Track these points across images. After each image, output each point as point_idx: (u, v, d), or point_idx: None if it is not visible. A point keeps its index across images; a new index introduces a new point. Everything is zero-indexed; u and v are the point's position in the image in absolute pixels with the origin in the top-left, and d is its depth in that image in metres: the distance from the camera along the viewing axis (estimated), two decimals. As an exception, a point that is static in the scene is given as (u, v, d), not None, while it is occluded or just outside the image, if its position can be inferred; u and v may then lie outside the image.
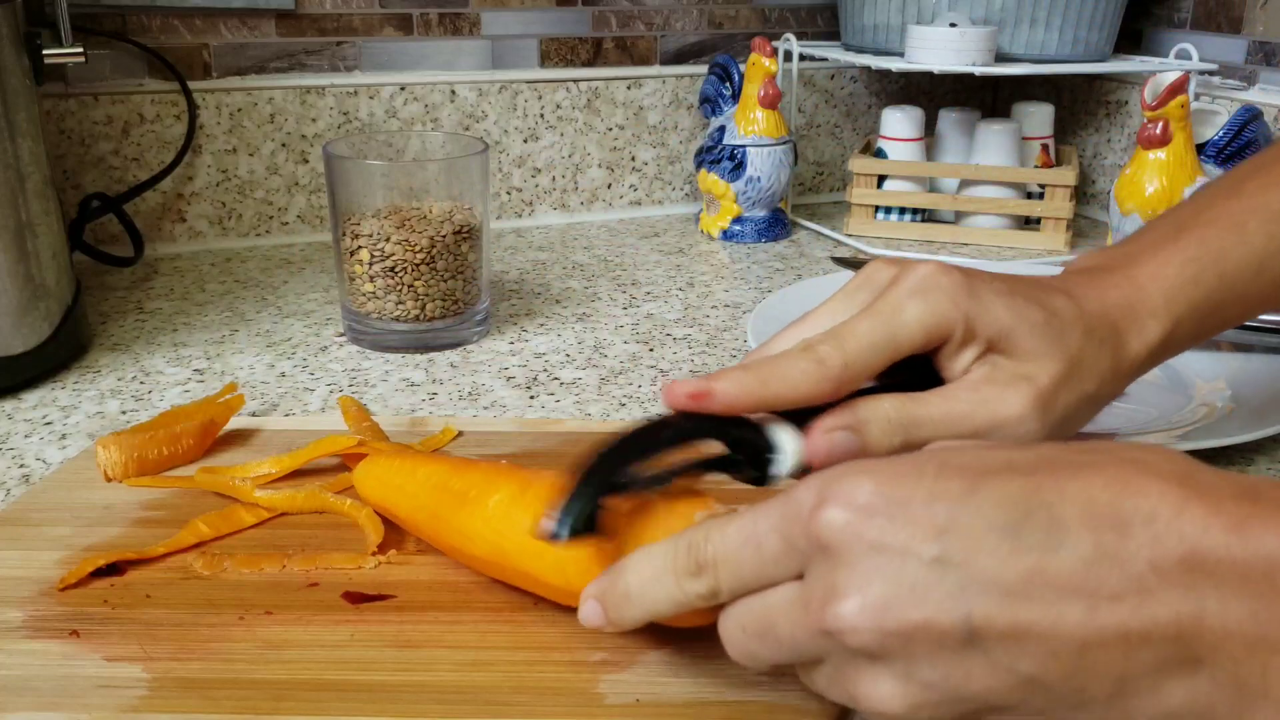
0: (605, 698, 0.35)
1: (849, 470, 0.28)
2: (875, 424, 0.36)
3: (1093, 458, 0.27)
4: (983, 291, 0.37)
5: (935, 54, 0.85)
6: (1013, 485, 0.26)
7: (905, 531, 0.27)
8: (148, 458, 0.50)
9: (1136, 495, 0.25)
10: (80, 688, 0.35)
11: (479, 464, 0.42)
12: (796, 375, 0.36)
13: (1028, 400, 0.37)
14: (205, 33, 0.88)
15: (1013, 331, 0.37)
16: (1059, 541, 0.25)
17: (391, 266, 0.65)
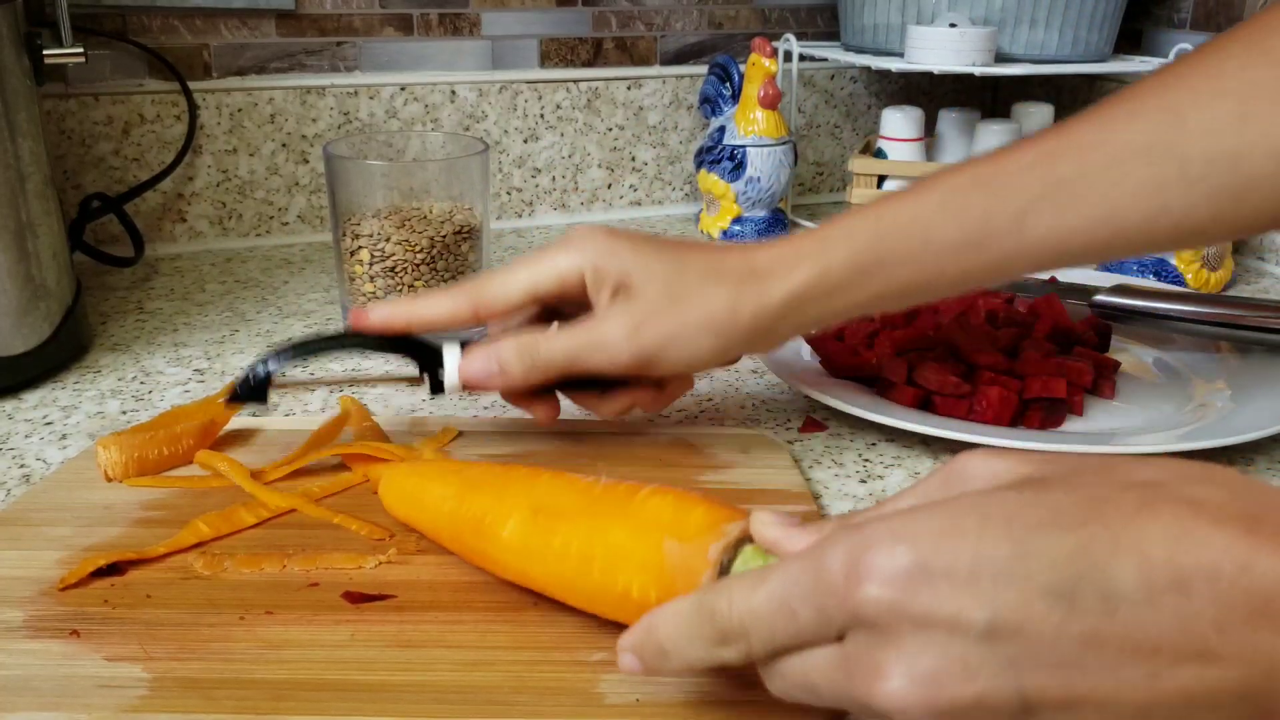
0: (605, 697, 0.35)
1: (883, 536, 0.27)
2: (507, 348, 0.47)
3: (1146, 496, 0.25)
4: (619, 247, 0.47)
5: (935, 54, 0.85)
6: (1063, 544, 0.25)
7: (951, 604, 0.25)
8: (148, 458, 0.50)
9: (1198, 548, 0.24)
10: (80, 688, 0.35)
11: (487, 481, 0.42)
12: (440, 304, 0.48)
13: (620, 323, 0.46)
14: (205, 33, 0.88)
15: (630, 275, 0.46)
16: (1114, 606, 0.24)
17: (392, 267, 0.65)
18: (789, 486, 0.49)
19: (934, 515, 0.27)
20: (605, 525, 0.36)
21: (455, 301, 0.49)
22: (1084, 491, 0.26)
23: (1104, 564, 0.24)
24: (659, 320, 0.46)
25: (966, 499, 0.27)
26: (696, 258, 0.47)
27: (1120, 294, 0.65)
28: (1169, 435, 0.53)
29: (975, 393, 0.55)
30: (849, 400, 0.55)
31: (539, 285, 0.48)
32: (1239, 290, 0.81)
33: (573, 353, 0.47)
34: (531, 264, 0.48)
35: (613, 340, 0.46)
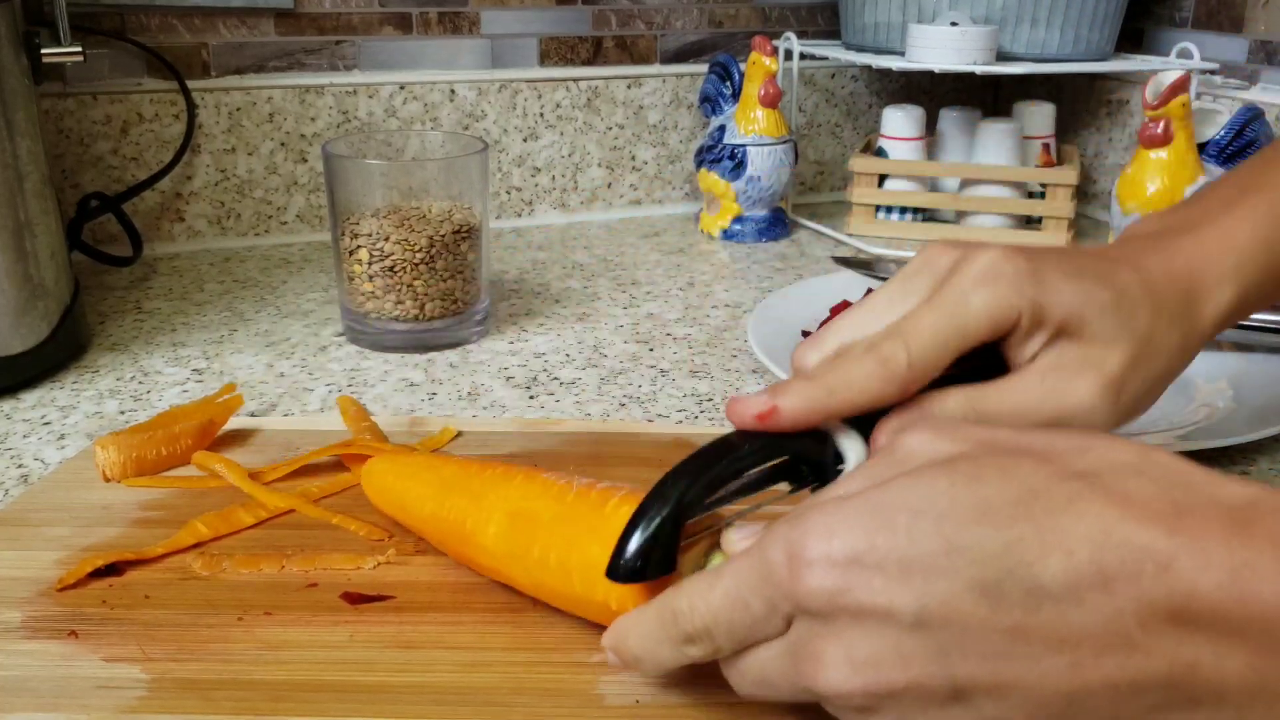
0: (605, 699, 0.35)
1: (819, 528, 0.28)
2: (954, 410, 0.35)
3: (1077, 491, 0.25)
4: (1049, 276, 0.36)
5: (936, 53, 0.85)
6: (991, 542, 0.25)
7: (884, 596, 0.26)
8: (146, 458, 0.49)
9: (1120, 547, 0.24)
10: (79, 688, 0.35)
11: (462, 482, 0.41)
12: (862, 380, 0.34)
13: (1097, 388, 0.35)
14: (204, 32, 0.88)
15: (1080, 316, 0.35)
16: (1039, 601, 0.25)
17: (391, 266, 0.65)
18: (790, 486, 0.49)
19: (866, 508, 0.28)
20: (581, 536, 0.36)
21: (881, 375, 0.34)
22: (1016, 483, 0.26)
23: (1030, 562, 0.25)
24: (1133, 374, 0.36)
25: (898, 489, 0.28)
26: (1129, 281, 0.37)
27: (1121, 293, 0.65)
28: (1170, 435, 0.53)
29: (976, 392, 0.55)
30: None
31: (969, 339, 0.35)
32: (1240, 290, 0.81)
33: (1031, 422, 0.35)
34: (950, 310, 0.35)
35: (1088, 408, 0.35)
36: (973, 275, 0.35)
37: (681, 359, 0.67)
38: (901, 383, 0.34)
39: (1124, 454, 0.27)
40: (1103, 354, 0.36)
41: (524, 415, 0.59)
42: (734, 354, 0.68)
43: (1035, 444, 0.28)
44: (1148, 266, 0.38)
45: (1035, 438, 0.28)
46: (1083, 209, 1.03)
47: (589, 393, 0.62)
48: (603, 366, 0.66)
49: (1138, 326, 0.36)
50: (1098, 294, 0.36)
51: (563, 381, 0.64)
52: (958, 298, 0.35)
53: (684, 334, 0.71)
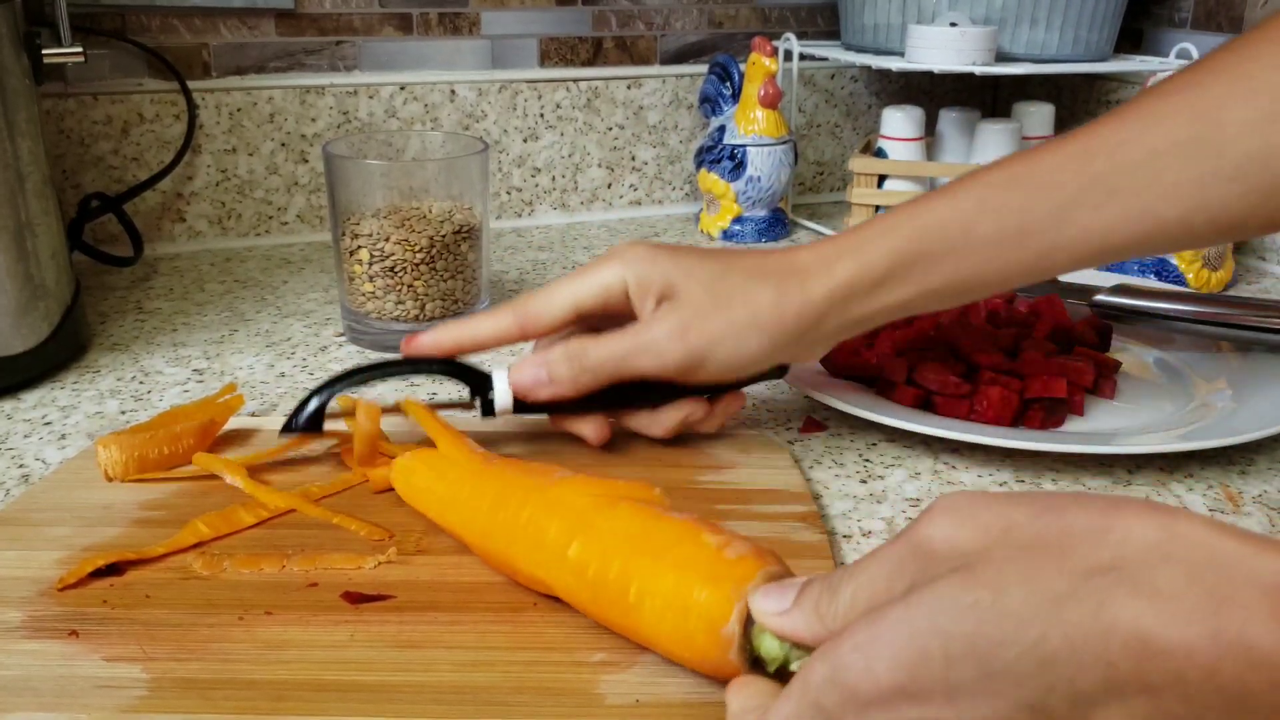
0: (605, 698, 0.35)
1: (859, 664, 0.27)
2: (555, 355, 0.48)
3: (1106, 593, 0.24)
4: (661, 257, 0.48)
5: (935, 53, 0.85)
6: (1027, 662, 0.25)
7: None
8: (148, 457, 0.49)
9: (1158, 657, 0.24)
10: (79, 688, 0.35)
11: (526, 488, 0.41)
12: (487, 324, 0.50)
13: (667, 326, 0.47)
14: (205, 32, 0.88)
15: (674, 282, 0.47)
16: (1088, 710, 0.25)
17: (391, 266, 0.65)
18: (789, 486, 0.49)
19: (900, 636, 0.27)
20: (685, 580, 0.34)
21: (501, 320, 0.50)
22: (1041, 590, 0.25)
23: (1070, 678, 0.24)
24: (706, 321, 0.47)
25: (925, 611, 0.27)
26: (739, 261, 0.48)
27: (1121, 294, 0.65)
28: (1170, 435, 0.53)
29: (976, 393, 0.55)
30: (849, 400, 0.55)
31: (583, 299, 0.49)
32: (1240, 290, 0.81)
33: (621, 356, 0.47)
34: (575, 279, 0.49)
35: (661, 342, 0.47)
36: (605, 256, 0.49)
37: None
38: (518, 326, 0.49)
39: (1146, 532, 0.25)
40: (681, 305, 0.47)
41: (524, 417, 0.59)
42: (734, 354, 0.68)
43: (1051, 530, 0.27)
44: (774, 254, 0.49)
45: (1051, 520, 0.27)
46: (1082, 209, 1.03)
47: (589, 393, 0.62)
48: (603, 366, 0.66)
49: (721, 287, 0.47)
50: (694, 267, 0.48)
51: (563, 381, 0.64)
52: (586, 270, 0.49)
53: (684, 334, 0.71)
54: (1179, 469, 0.52)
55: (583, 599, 0.37)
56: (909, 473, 0.52)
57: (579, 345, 0.48)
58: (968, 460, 0.53)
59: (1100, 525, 0.26)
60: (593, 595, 0.37)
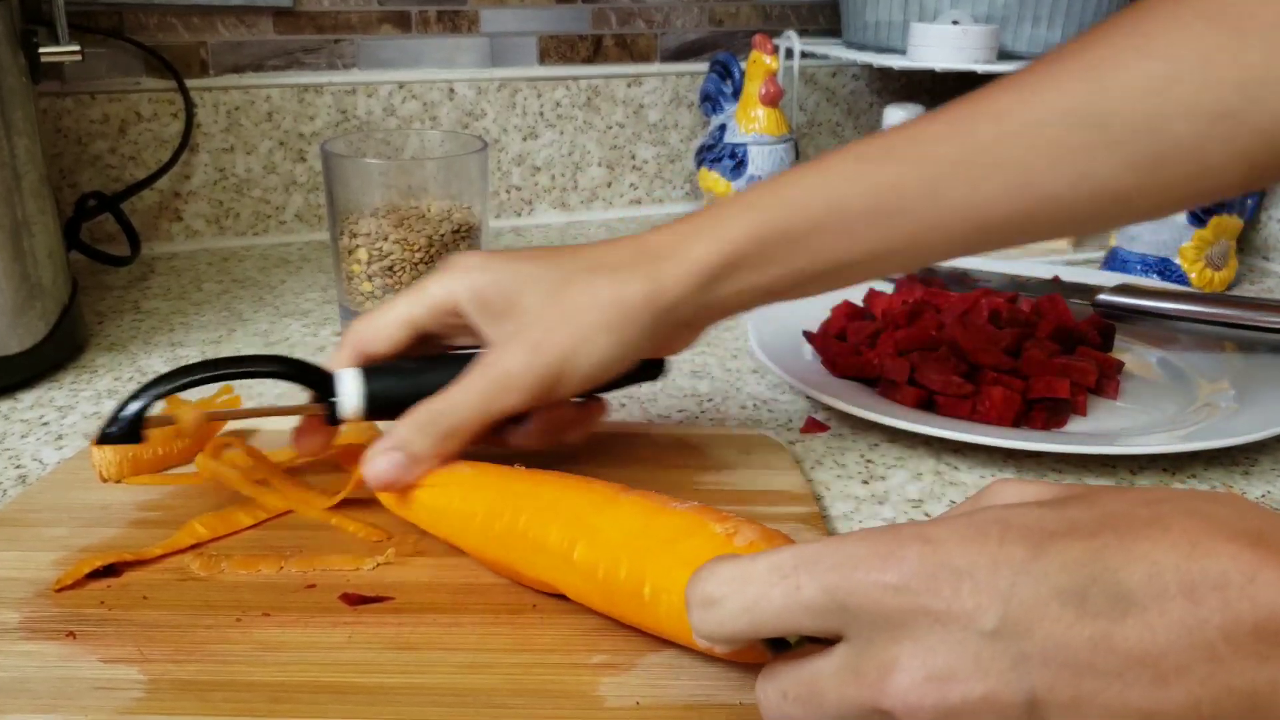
0: (605, 700, 0.35)
1: (910, 536, 0.27)
2: (409, 433, 0.42)
3: (1160, 512, 0.26)
4: (496, 265, 0.43)
5: (937, 52, 0.85)
6: (1076, 548, 0.25)
7: (970, 601, 0.25)
8: (143, 458, 0.49)
9: (1205, 558, 0.24)
10: (77, 689, 0.35)
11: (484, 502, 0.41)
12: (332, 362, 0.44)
13: (518, 351, 0.42)
14: (202, 31, 0.87)
15: (512, 294, 0.42)
16: (1124, 609, 0.24)
17: (390, 266, 0.65)
18: (790, 487, 0.49)
19: (960, 522, 0.27)
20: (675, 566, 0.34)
21: (340, 353, 0.45)
22: (1100, 508, 0.27)
23: (1116, 568, 0.25)
24: (554, 333, 0.42)
25: (991, 512, 0.28)
26: (579, 256, 0.44)
27: (1124, 293, 0.65)
28: (1173, 435, 0.53)
29: (978, 393, 0.55)
30: (851, 401, 0.55)
31: (415, 318, 0.44)
32: (1243, 290, 0.81)
33: (480, 407, 0.42)
34: (407, 296, 0.44)
35: (517, 373, 0.42)
36: (436, 271, 0.44)
37: (682, 359, 0.67)
38: (354, 351, 0.44)
39: (1197, 491, 0.27)
40: (525, 322, 0.42)
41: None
42: (734, 354, 0.68)
43: (1112, 488, 0.29)
44: (618, 245, 0.44)
45: (1112, 487, 0.29)
46: (1083, 208, 1.03)
47: (589, 392, 0.62)
48: (603, 366, 0.65)
49: (566, 293, 0.42)
50: (531, 273, 0.43)
51: (562, 381, 0.63)
52: (419, 287, 0.44)
53: (684, 333, 0.71)
54: (1182, 469, 0.52)
55: (594, 599, 0.37)
56: (911, 473, 0.52)
57: (429, 410, 0.42)
58: (970, 461, 0.53)
59: (1154, 488, 0.29)
60: (605, 595, 0.36)
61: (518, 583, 0.41)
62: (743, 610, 0.28)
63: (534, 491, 0.40)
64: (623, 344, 0.43)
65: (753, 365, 0.65)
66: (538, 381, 0.42)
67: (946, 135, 0.43)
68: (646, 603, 0.35)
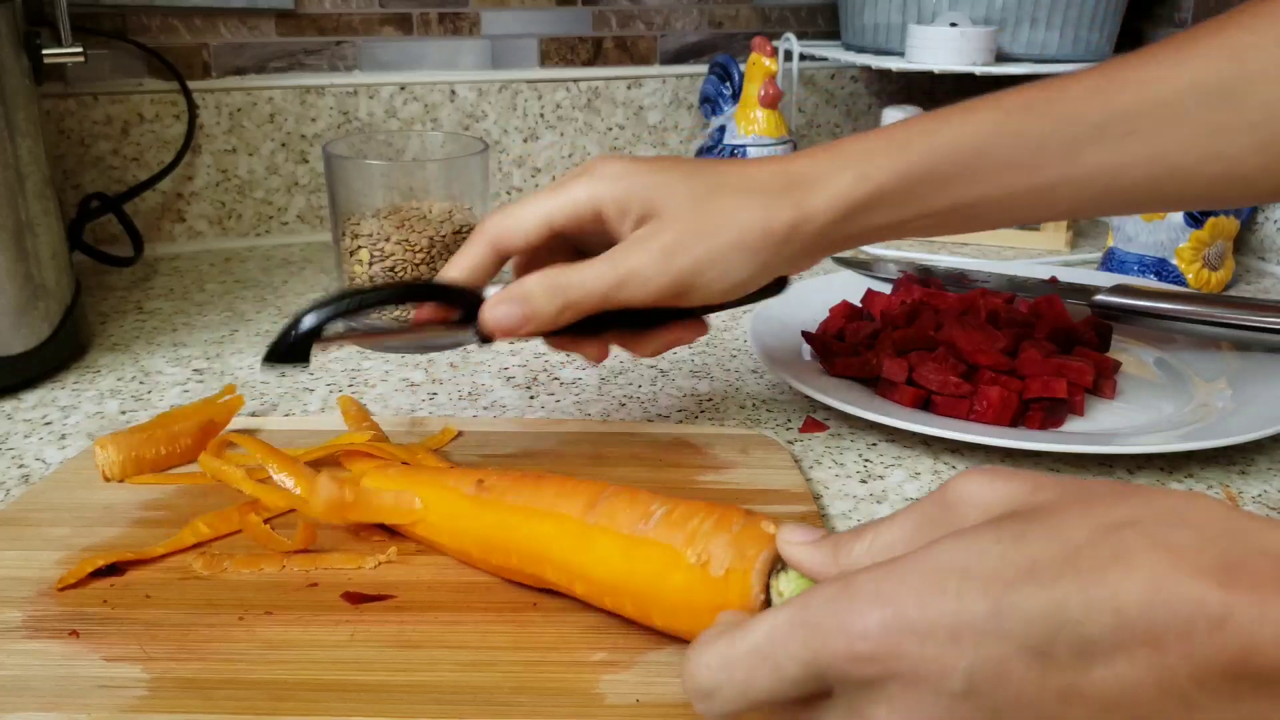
0: (606, 698, 0.35)
1: (870, 594, 0.27)
2: (533, 289, 0.43)
3: (1124, 543, 0.25)
4: (640, 171, 0.44)
5: (936, 54, 0.85)
6: (1039, 600, 0.25)
7: (935, 662, 0.25)
8: (145, 457, 0.49)
9: (1170, 604, 0.23)
10: (80, 688, 0.35)
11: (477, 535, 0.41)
12: (460, 258, 0.45)
13: (651, 251, 0.43)
14: (205, 32, 0.88)
15: (655, 200, 0.43)
16: (1090, 663, 0.24)
17: (391, 266, 0.65)
18: (789, 486, 0.49)
19: (919, 571, 0.27)
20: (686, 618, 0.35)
21: (474, 249, 0.45)
22: (1061, 539, 0.26)
23: (1079, 619, 0.24)
24: (691, 244, 0.43)
25: (949, 550, 0.27)
26: (727, 173, 0.45)
27: (1121, 294, 0.65)
28: (1170, 435, 0.53)
29: (976, 393, 0.55)
30: (849, 400, 0.55)
31: (554, 217, 0.44)
32: (1240, 290, 0.81)
33: (604, 288, 0.43)
34: (547, 195, 0.44)
35: (645, 270, 0.43)
36: (578, 171, 0.45)
37: (681, 359, 0.67)
38: (491, 245, 0.45)
39: (1165, 500, 0.26)
40: (664, 226, 0.43)
41: (524, 415, 0.59)
42: (734, 354, 0.68)
43: (1075, 493, 0.28)
44: (764, 164, 0.45)
45: (1075, 486, 0.28)
46: (1082, 209, 1.03)
47: (589, 393, 0.62)
48: (603, 366, 0.66)
49: (709, 205, 0.43)
50: (677, 184, 0.43)
51: (563, 381, 0.64)
52: (558, 186, 0.44)
53: (684, 334, 0.71)
54: (1179, 469, 0.52)
55: (600, 607, 0.38)
56: (909, 473, 0.52)
57: (558, 276, 0.43)
58: (968, 460, 0.53)
59: (1122, 491, 0.27)
60: (609, 609, 0.38)
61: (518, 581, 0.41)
62: (738, 696, 0.29)
63: (515, 534, 0.40)
64: (758, 265, 0.44)
65: (752, 365, 0.66)
66: (665, 285, 0.43)
67: (1087, 98, 0.44)
68: (662, 629, 0.36)
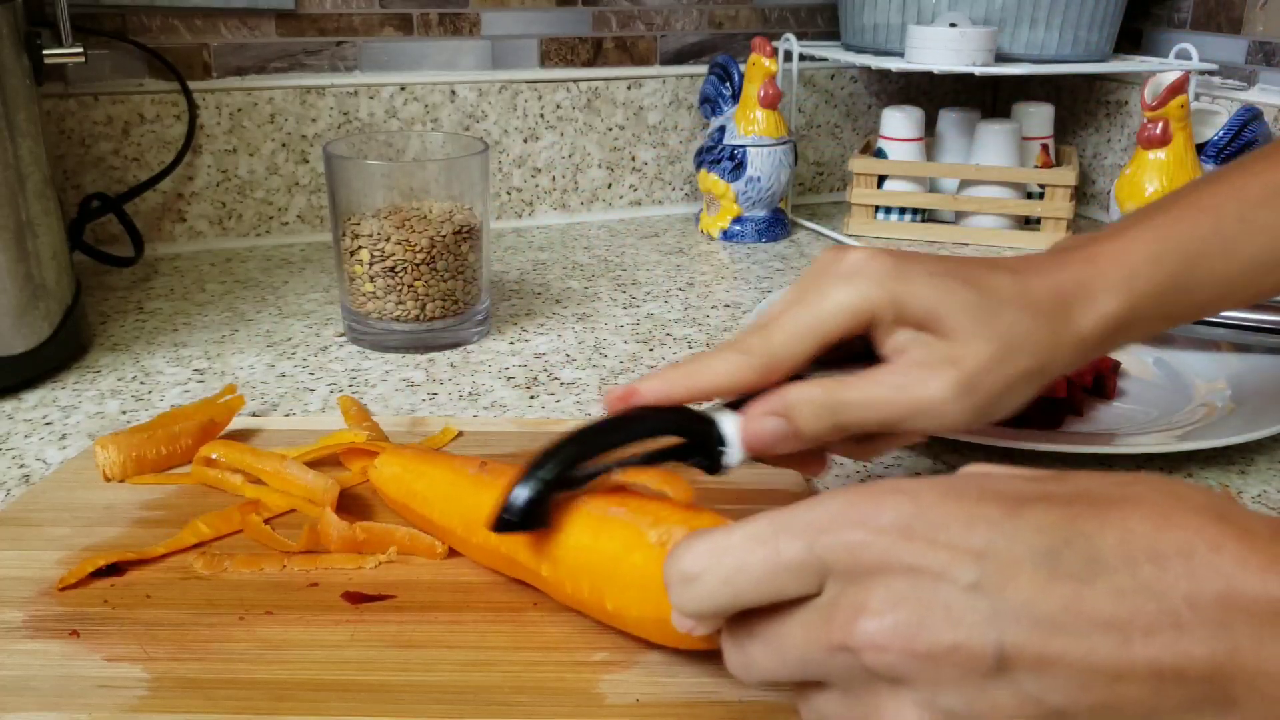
0: (606, 698, 0.35)
1: (885, 489, 0.28)
2: (803, 406, 0.37)
3: (1131, 490, 0.27)
4: (913, 273, 0.38)
5: (935, 54, 0.85)
6: (1052, 513, 0.26)
7: (944, 554, 0.26)
8: (146, 457, 0.49)
9: (1174, 529, 0.25)
10: (80, 688, 0.35)
11: (459, 514, 0.41)
12: (722, 367, 0.38)
13: (949, 383, 0.37)
14: (205, 33, 0.88)
15: (939, 311, 0.37)
16: (1095, 572, 0.25)
17: (391, 267, 0.65)
18: (789, 487, 0.49)
19: (936, 484, 0.28)
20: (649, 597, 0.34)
21: (735, 363, 0.38)
22: (1073, 484, 0.28)
23: (1089, 533, 0.26)
24: (992, 375, 0.37)
25: (965, 477, 0.28)
26: (1001, 282, 0.39)
27: (1121, 294, 0.65)
28: (1170, 435, 0.53)
29: (976, 393, 0.55)
30: (849, 400, 0.55)
31: (829, 332, 0.38)
32: (1239, 290, 0.81)
33: (889, 417, 0.38)
34: (811, 306, 0.38)
35: (943, 406, 0.37)
36: (836, 273, 0.38)
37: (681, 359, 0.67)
38: (759, 370, 0.38)
39: (1168, 482, 0.27)
40: (961, 349, 0.37)
41: (524, 415, 0.59)
42: (734, 354, 0.68)
43: (1085, 473, 0.29)
44: (1028, 273, 0.39)
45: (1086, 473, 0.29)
46: (1081, 210, 1.03)
47: (589, 393, 0.62)
48: (603, 367, 0.66)
49: (1000, 324, 0.38)
50: (960, 292, 0.38)
51: (563, 382, 0.64)
52: (820, 293, 0.38)
53: (684, 334, 0.72)
54: (1179, 469, 0.53)
55: (574, 606, 0.38)
56: (908, 473, 0.52)
57: (830, 396, 0.38)
58: (967, 460, 0.53)
59: (1126, 475, 0.28)
60: (579, 607, 0.38)
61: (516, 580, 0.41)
62: (723, 582, 0.28)
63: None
64: (1040, 390, 0.40)
65: (752, 366, 0.66)
66: (960, 420, 0.38)
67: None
68: (612, 615, 0.36)
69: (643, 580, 0.34)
